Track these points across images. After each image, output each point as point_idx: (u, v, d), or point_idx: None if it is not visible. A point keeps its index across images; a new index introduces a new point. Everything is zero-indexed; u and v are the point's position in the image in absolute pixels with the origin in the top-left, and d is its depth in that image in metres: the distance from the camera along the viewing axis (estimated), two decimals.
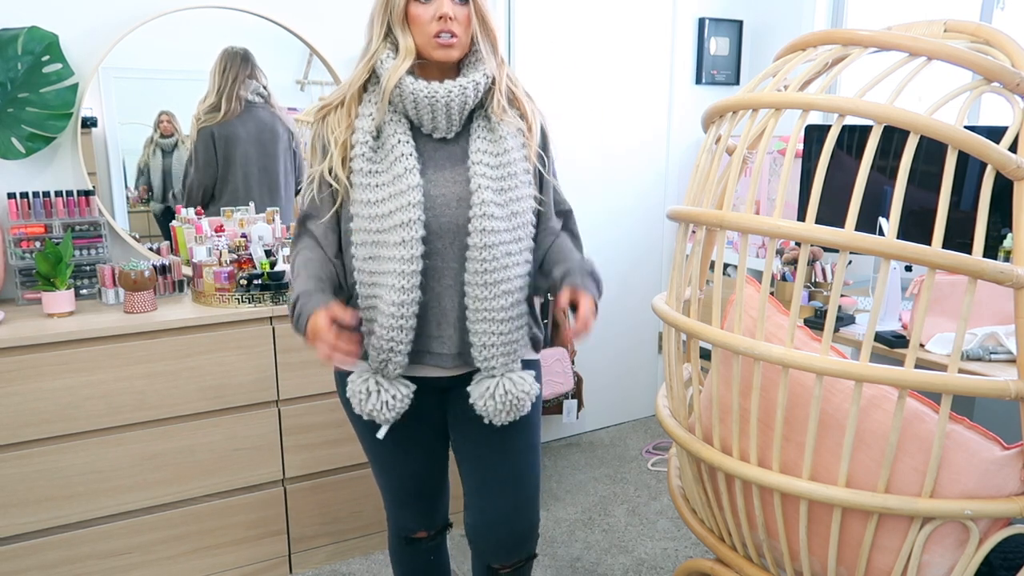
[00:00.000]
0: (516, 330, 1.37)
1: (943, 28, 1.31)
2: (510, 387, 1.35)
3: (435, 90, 1.30)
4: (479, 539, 1.51)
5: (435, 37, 1.29)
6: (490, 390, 1.35)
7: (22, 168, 2.16)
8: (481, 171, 1.33)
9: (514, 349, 1.37)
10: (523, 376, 1.37)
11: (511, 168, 1.35)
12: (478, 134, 1.36)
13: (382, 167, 1.32)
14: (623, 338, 3.32)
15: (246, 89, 2.38)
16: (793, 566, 1.38)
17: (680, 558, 2.33)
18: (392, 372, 1.35)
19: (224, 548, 2.13)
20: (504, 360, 1.36)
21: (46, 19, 2.10)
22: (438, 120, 1.33)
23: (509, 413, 1.36)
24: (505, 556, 1.52)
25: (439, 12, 1.28)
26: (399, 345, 1.32)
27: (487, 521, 1.49)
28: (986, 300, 1.87)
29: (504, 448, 1.45)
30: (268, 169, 2.48)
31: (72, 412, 1.88)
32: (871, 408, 1.25)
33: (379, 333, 1.32)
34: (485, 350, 1.34)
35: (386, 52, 1.32)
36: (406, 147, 1.32)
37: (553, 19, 2.89)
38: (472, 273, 1.32)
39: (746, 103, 1.34)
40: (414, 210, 1.29)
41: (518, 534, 1.50)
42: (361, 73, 1.34)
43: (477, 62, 1.35)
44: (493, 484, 1.47)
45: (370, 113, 1.33)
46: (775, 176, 2.79)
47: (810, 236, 1.15)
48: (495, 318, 1.33)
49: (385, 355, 1.33)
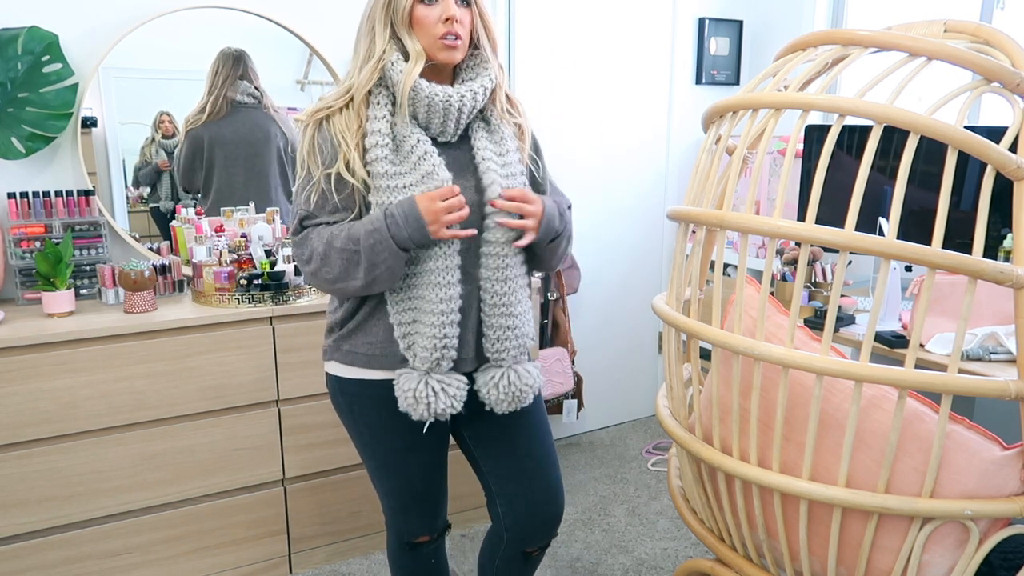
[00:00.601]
0: (526, 324, 1.42)
1: (943, 28, 1.31)
2: (514, 378, 1.39)
3: (450, 94, 1.31)
4: (517, 526, 1.52)
5: (441, 39, 1.29)
6: (495, 379, 1.39)
7: (22, 168, 2.16)
8: (493, 168, 1.35)
9: (524, 343, 1.42)
10: (529, 369, 1.42)
11: (513, 168, 1.38)
12: (479, 135, 1.38)
13: (404, 168, 1.32)
14: (623, 338, 3.32)
15: (235, 90, 2.38)
16: (793, 566, 1.38)
17: (680, 558, 2.33)
18: (445, 368, 1.36)
19: (224, 548, 2.13)
20: (514, 353, 1.40)
21: (46, 19, 2.11)
22: (448, 124, 1.34)
23: (511, 403, 1.40)
24: (540, 538, 1.56)
25: (446, 14, 1.28)
26: (451, 340, 1.34)
27: (524, 507, 1.51)
28: (986, 300, 1.87)
29: (530, 433, 1.50)
30: (257, 170, 2.47)
31: (72, 412, 1.88)
32: (871, 408, 1.25)
33: (428, 332, 1.33)
34: (499, 343, 1.38)
35: (395, 54, 1.31)
36: (428, 145, 1.32)
37: (553, 19, 2.88)
38: (491, 269, 1.35)
39: (746, 103, 1.34)
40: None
41: (556, 514, 1.55)
42: (370, 75, 1.32)
43: (480, 65, 1.37)
44: (525, 470, 1.50)
45: (383, 115, 1.33)
46: (775, 176, 2.79)
47: (810, 236, 1.15)
48: (511, 312, 1.37)
49: (439, 352, 1.34)
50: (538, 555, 1.59)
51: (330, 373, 1.48)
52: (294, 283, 2.13)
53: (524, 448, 1.50)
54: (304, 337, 2.10)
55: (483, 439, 1.51)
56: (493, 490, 1.54)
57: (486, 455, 1.53)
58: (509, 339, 1.38)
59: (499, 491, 1.53)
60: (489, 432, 1.50)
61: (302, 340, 2.11)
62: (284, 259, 2.17)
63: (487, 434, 1.50)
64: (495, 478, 1.53)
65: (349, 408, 1.47)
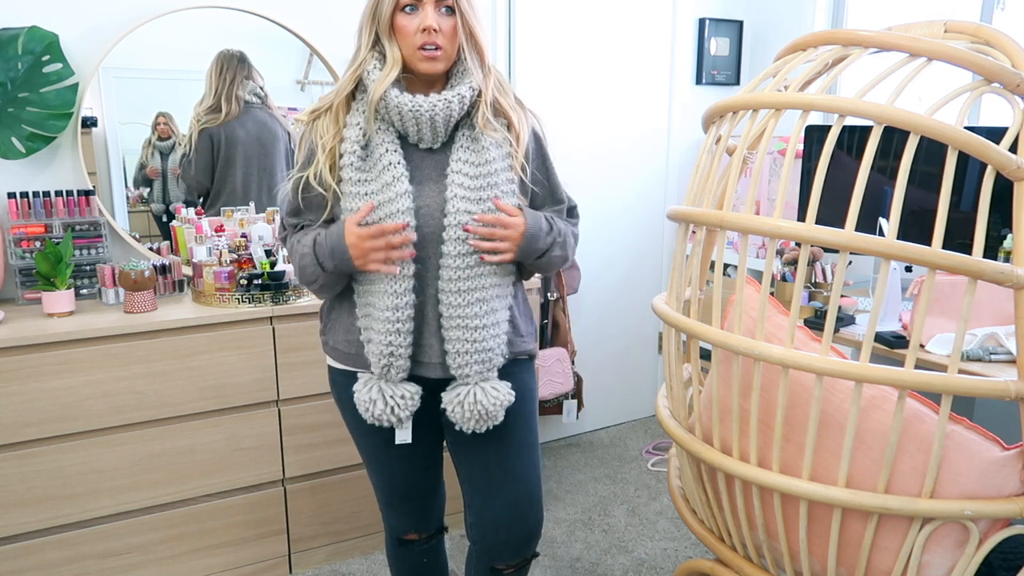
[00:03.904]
0: (491, 338, 1.36)
1: (943, 29, 1.31)
2: (481, 396, 1.35)
3: (419, 104, 1.30)
4: (481, 539, 1.51)
5: (420, 49, 1.29)
6: (460, 397, 1.35)
7: (22, 168, 2.16)
8: (459, 180, 1.33)
9: (489, 358, 1.37)
10: (497, 387, 1.37)
11: (492, 179, 1.34)
12: (461, 143, 1.36)
13: (370, 176, 1.32)
14: (623, 338, 3.32)
15: (244, 90, 2.39)
16: (793, 566, 1.38)
17: (680, 558, 2.33)
18: (396, 376, 1.36)
19: (224, 548, 2.13)
20: (479, 368, 1.36)
21: (46, 19, 2.11)
22: (423, 132, 1.33)
23: (478, 422, 1.36)
24: (509, 555, 1.51)
25: (423, 24, 1.28)
26: (399, 349, 1.33)
27: (489, 520, 1.48)
28: (986, 300, 1.87)
29: (500, 444, 1.46)
30: (268, 169, 2.49)
31: (72, 412, 1.88)
32: (871, 408, 1.25)
33: (377, 339, 1.34)
34: (459, 357, 1.35)
35: (373, 63, 1.32)
36: (394, 156, 1.32)
37: (554, 20, 2.89)
38: (445, 280, 1.33)
39: (746, 103, 1.34)
40: (404, 216, 1.29)
41: (522, 533, 1.50)
42: (348, 82, 1.34)
43: (463, 74, 1.35)
44: (492, 481, 1.47)
45: (358, 122, 1.33)
46: (775, 176, 2.79)
47: (810, 236, 1.15)
48: (468, 325, 1.33)
49: (387, 360, 1.34)
50: (512, 573, 1.53)
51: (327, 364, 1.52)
52: (294, 283, 2.13)
53: (494, 459, 1.47)
54: (304, 337, 2.10)
55: (459, 445, 1.50)
56: (465, 499, 1.53)
57: (460, 462, 1.52)
58: (470, 353, 1.34)
59: (468, 501, 1.52)
60: (462, 438, 1.47)
61: (302, 340, 2.11)
62: (284, 259, 2.17)
63: (462, 440, 1.48)
64: (467, 487, 1.51)
65: (339, 398, 1.51)
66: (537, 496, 1.50)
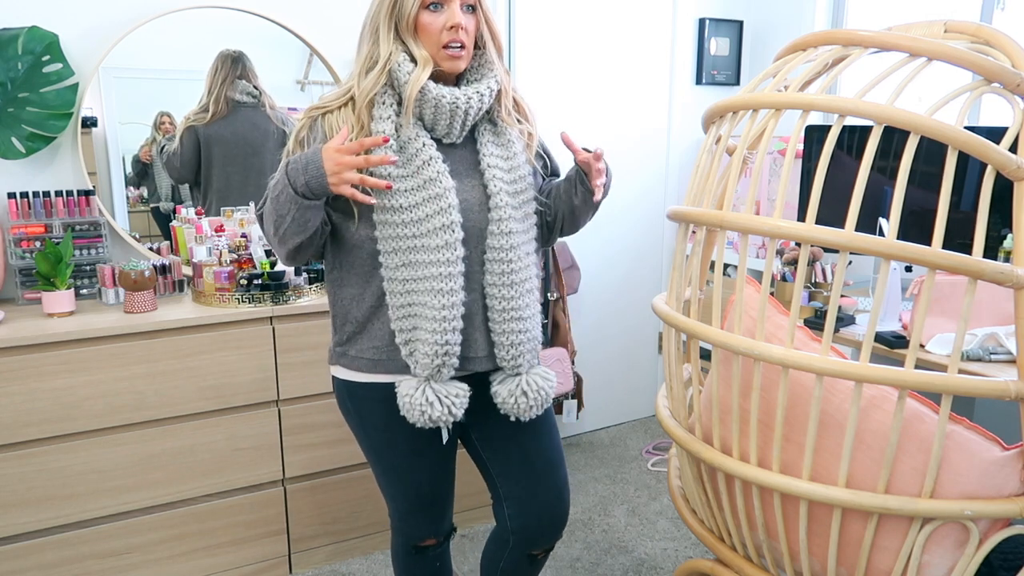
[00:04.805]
0: (537, 327, 1.40)
1: (943, 29, 1.31)
2: (542, 383, 1.39)
3: (457, 96, 1.31)
4: (524, 528, 1.51)
5: (444, 47, 1.29)
6: (520, 387, 1.37)
7: (22, 168, 2.16)
8: (497, 174, 1.36)
9: (535, 346, 1.40)
10: (545, 371, 1.41)
11: (520, 171, 1.39)
12: (486, 139, 1.38)
13: (407, 171, 1.31)
14: (623, 338, 3.32)
15: (234, 90, 2.39)
16: (793, 566, 1.38)
17: (680, 558, 2.33)
18: (446, 376, 1.34)
19: (224, 548, 2.13)
20: (530, 357, 1.39)
21: (46, 19, 2.11)
22: (453, 126, 1.34)
23: (539, 408, 1.40)
24: (549, 539, 1.54)
25: (451, 22, 1.27)
26: (452, 347, 1.32)
27: (534, 509, 1.50)
28: (986, 300, 1.87)
29: (537, 433, 1.48)
30: (256, 169, 2.48)
31: (72, 412, 1.88)
32: (871, 408, 1.25)
33: (428, 339, 1.31)
34: (513, 349, 1.36)
35: (401, 55, 1.30)
36: (432, 151, 1.31)
37: (554, 20, 2.89)
38: (495, 275, 1.34)
39: (746, 103, 1.34)
40: (453, 212, 1.29)
41: (564, 512, 1.54)
42: (376, 80, 1.31)
43: (484, 67, 1.36)
44: (534, 470, 1.49)
45: (389, 116, 1.31)
46: (775, 176, 2.79)
47: (810, 236, 1.15)
48: (521, 316, 1.36)
49: (440, 360, 1.31)
50: (543, 558, 1.57)
51: (337, 377, 1.46)
52: (294, 283, 2.13)
53: (535, 449, 1.49)
54: (304, 337, 2.11)
55: (493, 440, 1.50)
56: (501, 492, 1.52)
57: (496, 457, 1.51)
58: (523, 343, 1.36)
59: (507, 493, 1.51)
60: (500, 433, 1.48)
61: (302, 340, 2.11)
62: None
63: (498, 435, 1.48)
64: (504, 480, 1.51)
65: (358, 412, 1.45)
66: (567, 478, 1.55)
